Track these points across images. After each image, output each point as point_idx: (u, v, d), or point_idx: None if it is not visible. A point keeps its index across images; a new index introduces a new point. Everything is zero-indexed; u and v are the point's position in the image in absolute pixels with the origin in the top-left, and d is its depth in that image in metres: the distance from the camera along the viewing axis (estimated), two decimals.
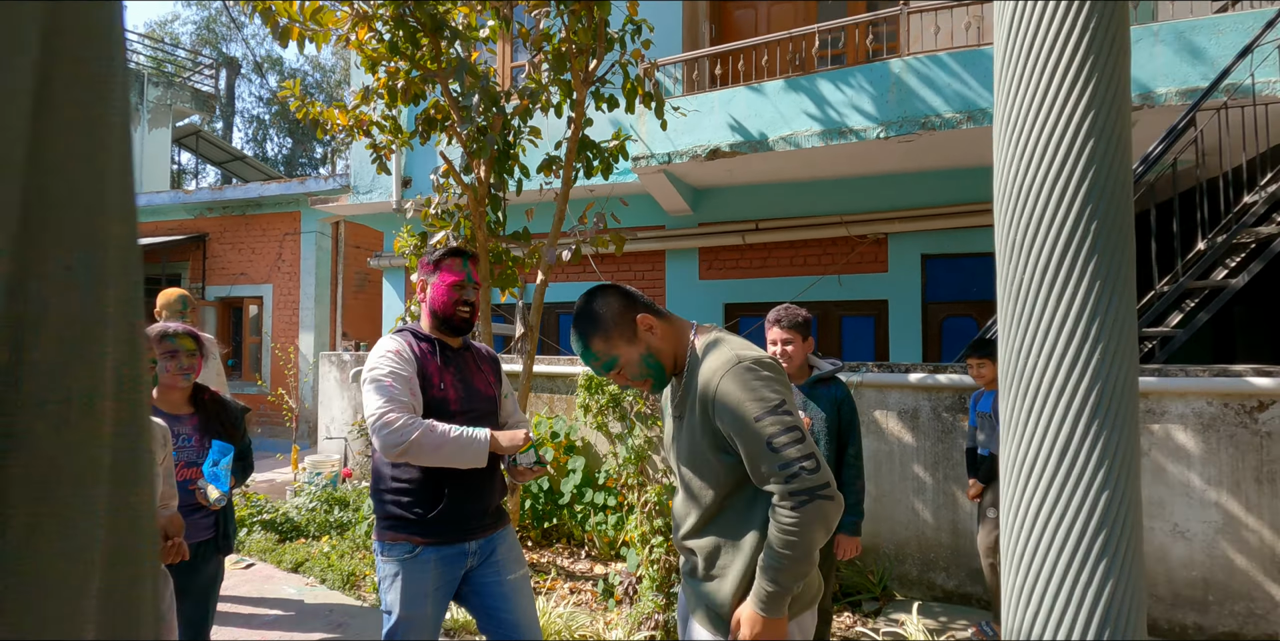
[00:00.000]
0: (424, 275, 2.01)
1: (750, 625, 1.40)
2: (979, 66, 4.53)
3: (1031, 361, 1.61)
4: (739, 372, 1.39)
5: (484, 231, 4.10)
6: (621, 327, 1.49)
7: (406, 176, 7.03)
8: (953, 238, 5.80)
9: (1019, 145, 1.70)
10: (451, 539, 1.88)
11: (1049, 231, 1.62)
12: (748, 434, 1.35)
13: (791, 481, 1.31)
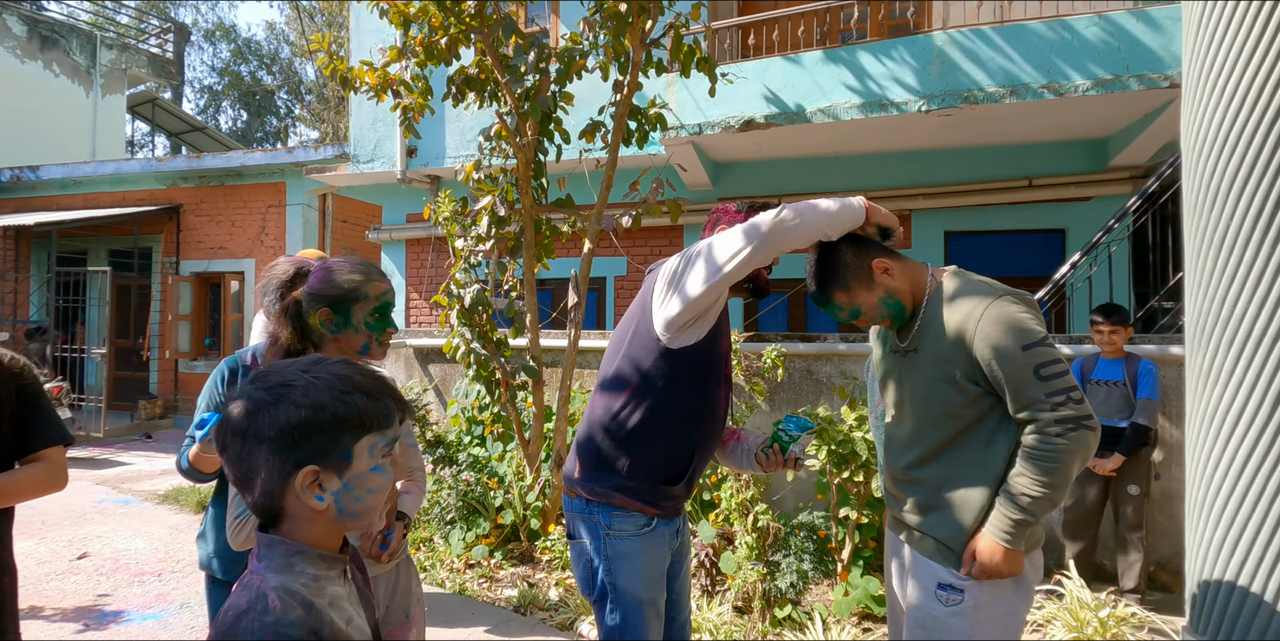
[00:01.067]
0: (727, 224, 1.72)
1: (990, 555, 1.41)
2: (1023, 41, 4.56)
3: (1239, 310, 1.63)
4: (1004, 304, 1.43)
5: (530, 198, 3.98)
6: (859, 276, 1.53)
7: (412, 146, 6.78)
8: (977, 215, 5.88)
9: (1221, 94, 1.70)
10: (675, 511, 1.68)
11: (1260, 180, 1.63)
12: (1015, 362, 1.38)
13: (1060, 409, 1.36)
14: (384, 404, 0.86)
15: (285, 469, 0.81)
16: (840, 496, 3.21)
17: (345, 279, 1.42)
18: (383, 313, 1.46)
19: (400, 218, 7.57)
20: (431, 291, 7.30)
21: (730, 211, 1.75)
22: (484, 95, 4.12)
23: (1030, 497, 1.37)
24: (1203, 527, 1.62)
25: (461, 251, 4.01)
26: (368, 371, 0.89)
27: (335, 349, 1.44)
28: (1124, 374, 3.10)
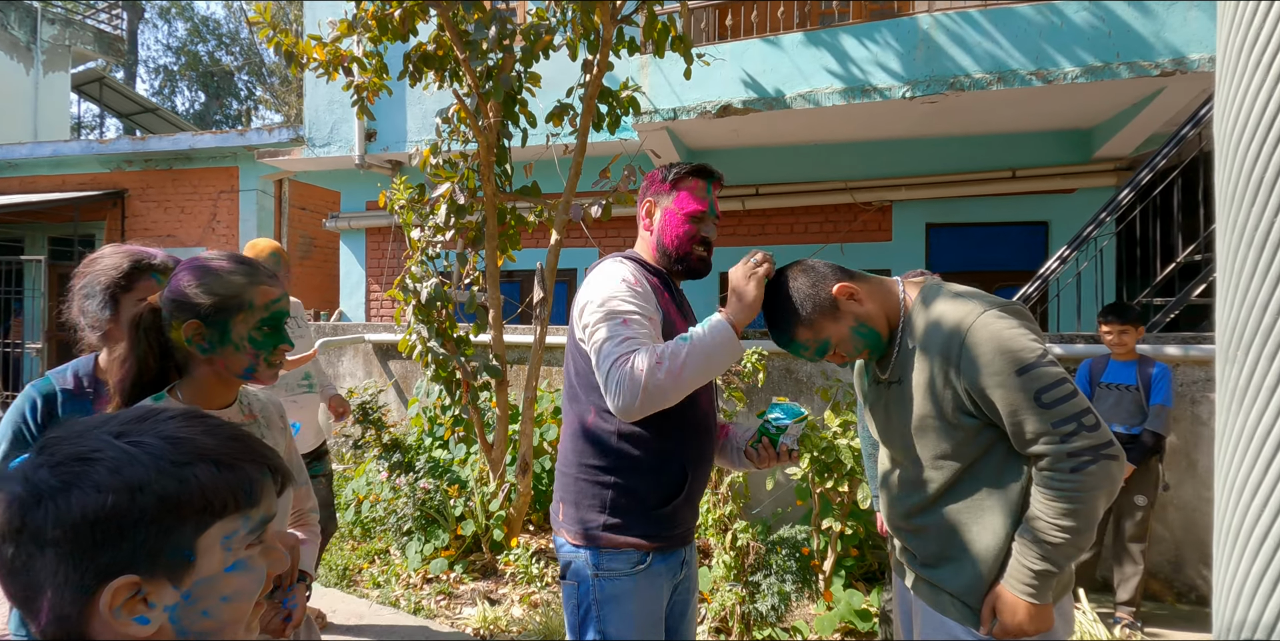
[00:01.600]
0: (653, 195, 1.56)
1: (1012, 613, 1.21)
2: (1011, 25, 4.39)
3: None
4: (989, 321, 1.21)
5: (493, 185, 3.72)
6: (821, 307, 1.33)
7: (370, 129, 6.43)
8: (958, 206, 5.74)
9: (1265, 76, 1.53)
10: (677, 542, 1.48)
11: None
12: (1010, 390, 1.17)
13: (1071, 440, 1.15)
14: (243, 475, 0.62)
15: (84, 583, 0.56)
16: (823, 506, 3.04)
17: (223, 281, 1.13)
18: (273, 325, 1.17)
19: (360, 205, 7.23)
20: (390, 284, 6.98)
21: (657, 180, 1.56)
22: (444, 74, 3.84)
23: (1050, 544, 1.17)
24: (1234, 564, 1.46)
25: (418, 242, 3.74)
26: (221, 427, 0.64)
27: (208, 373, 1.15)
28: (1137, 378, 2.94)
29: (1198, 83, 4.25)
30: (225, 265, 1.16)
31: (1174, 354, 3.19)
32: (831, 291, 1.32)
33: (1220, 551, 1.50)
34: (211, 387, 1.17)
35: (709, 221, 1.53)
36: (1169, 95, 4.39)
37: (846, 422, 2.87)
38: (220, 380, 1.17)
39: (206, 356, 1.13)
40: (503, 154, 3.84)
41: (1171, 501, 3.22)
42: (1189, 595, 3.20)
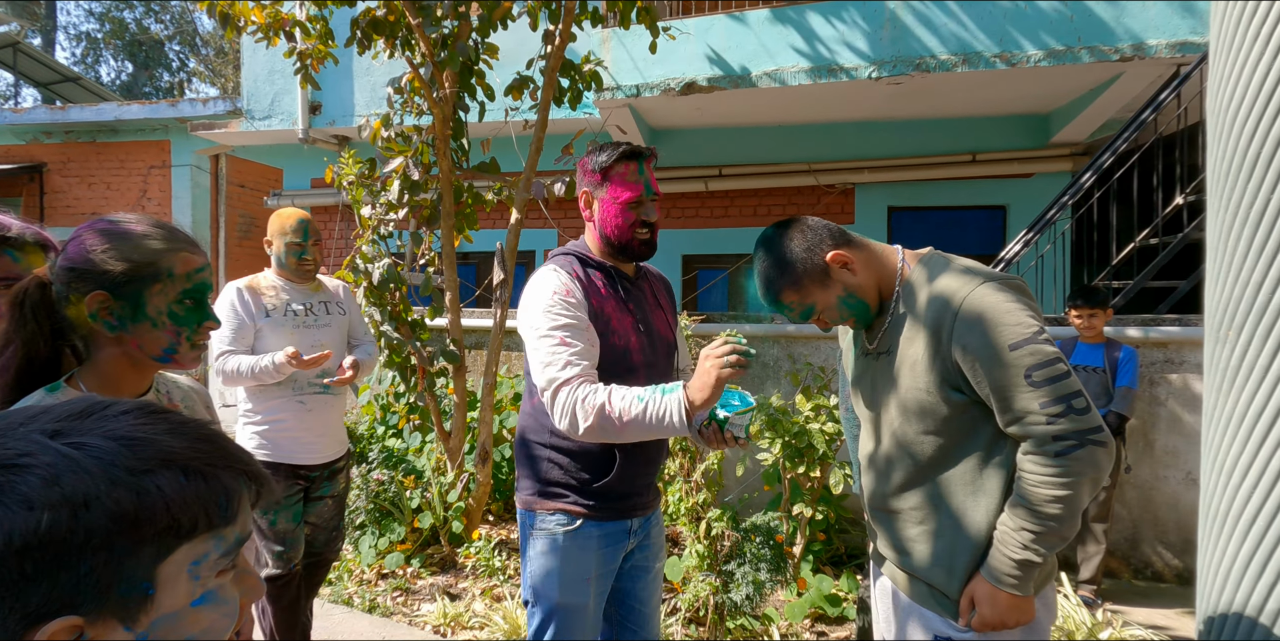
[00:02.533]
0: (588, 185, 1.55)
1: (992, 605, 1.17)
2: (977, 6, 4.39)
3: (1277, 299, 1.43)
4: (987, 293, 1.16)
5: (449, 160, 3.54)
6: (811, 272, 1.28)
7: (315, 101, 6.11)
8: (920, 189, 5.78)
9: (1263, 50, 1.49)
10: (617, 513, 1.55)
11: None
12: (1000, 365, 1.12)
13: (1057, 422, 1.10)
14: (217, 485, 0.50)
15: (8, 628, 0.43)
16: (793, 491, 3.01)
17: (136, 246, 0.96)
18: (197, 298, 1.01)
19: (304, 182, 6.90)
20: (338, 265, 6.70)
21: (588, 170, 1.55)
22: (395, 42, 3.62)
23: (1032, 533, 1.13)
24: (1221, 544, 1.47)
25: (369, 221, 3.55)
26: (187, 425, 0.51)
27: (117, 355, 0.99)
28: (1104, 360, 2.99)
29: (1155, 68, 4.32)
30: (138, 227, 0.98)
31: (1135, 336, 3.25)
32: (825, 258, 1.27)
33: (1206, 532, 1.49)
34: (121, 373, 1.00)
35: (647, 203, 1.52)
36: (1126, 81, 4.47)
37: (818, 406, 2.84)
38: (132, 364, 1.00)
39: (115, 335, 0.97)
40: (459, 128, 3.67)
41: (1129, 480, 3.30)
42: (1145, 571, 3.29)
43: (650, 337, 1.57)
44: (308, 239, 2.33)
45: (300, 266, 2.36)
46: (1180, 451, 3.21)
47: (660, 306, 1.66)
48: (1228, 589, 1.51)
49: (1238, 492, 1.49)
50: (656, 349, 1.59)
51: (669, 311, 1.69)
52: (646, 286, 1.64)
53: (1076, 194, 3.95)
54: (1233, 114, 1.55)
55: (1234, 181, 1.54)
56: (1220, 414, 1.55)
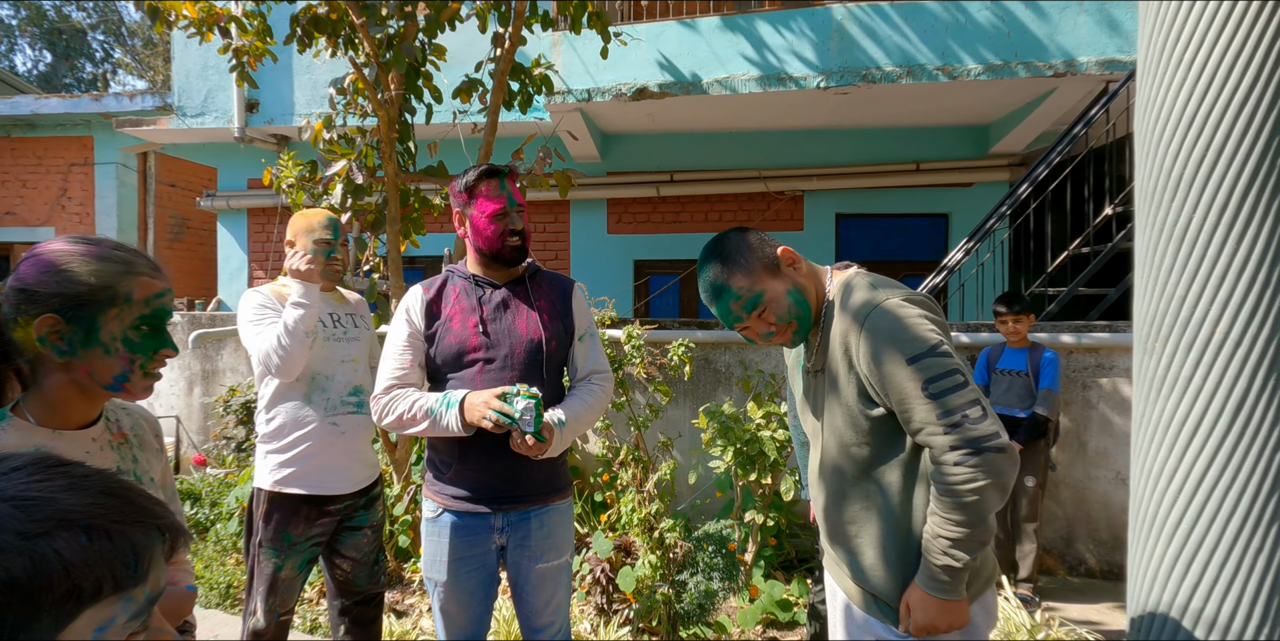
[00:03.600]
0: (458, 206, 1.75)
1: (924, 610, 1.21)
2: (920, 20, 4.53)
3: (1199, 311, 1.50)
4: (889, 309, 1.22)
5: (394, 163, 3.47)
6: (765, 260, 1.32)
7: (253, 99, 5.90)
8: (867, 197, 5.93)
9: (1186, 72, 1.57)
10: (471, 506, 1.71)
11: (1229, 165, 1.50)
12: (898, 378, 1.17)
13: (952, 431, 1.15)
14: (124, 543, 0.47)
15: None
16: (745, 497, 3.04)
17: (90, 267, 0.93)
18: (155, 325, 0.99)
19: (240, 182, 6.65)
20: (279, 270, 6.48)
21: (456, 192, 1.75)
22: (337, 41, 3.53)
23: (948, 538, 1.17)
24: (1150, 546, 1.55)
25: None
26: (90, 479, 0.48)
27: (64, 381, 0.95)
28: (1027, 364, 3.11)
29: (1085, 84, 4.54)
30: (95, 248, 0.95)
31: (1068, 341, 3.40)
32: (777, 251, 1.33)
33: (1136, 535, 1.57)
34: (69, 401, 0.97)
35: (512, 213, 1.70)
36: (1059, 95, 4.68)
37: (769, 414, 2.87)
38: (80, 391, 0.97)
39: (65, 360, 0.93)
40: (405, 130, 3.60)
41: (1064, 480, 3.44)
42: (1079, 568, 3.44)
43: (498, 336, 1.72)
44: (337, 237, 2.14)
45: (329, 267, 2.13)
46: (1111, 452, 3.37)
47: (535, 307, 1.77)
48: (1155, 588, 1.59)
49: (1164, 497, 1.57)
50: (505, 344, 1.72)
51: (548, 314, 1.78)
52: (521, 291, 1.77)
53: (1014, 204, 4.12)
54: (1159, 135, 1.64)
55: (1160, 200, 1.63)
56: (1148, 422, 1.63)
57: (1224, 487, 1.46)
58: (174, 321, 5.15)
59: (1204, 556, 1.48)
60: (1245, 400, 1.43)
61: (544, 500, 1.75)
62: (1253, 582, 1.45)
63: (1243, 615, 1.51)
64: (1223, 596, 1.47)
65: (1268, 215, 1.45)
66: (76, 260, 0.93)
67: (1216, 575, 1.48)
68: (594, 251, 6.26)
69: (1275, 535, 1.44)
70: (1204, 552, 1.48)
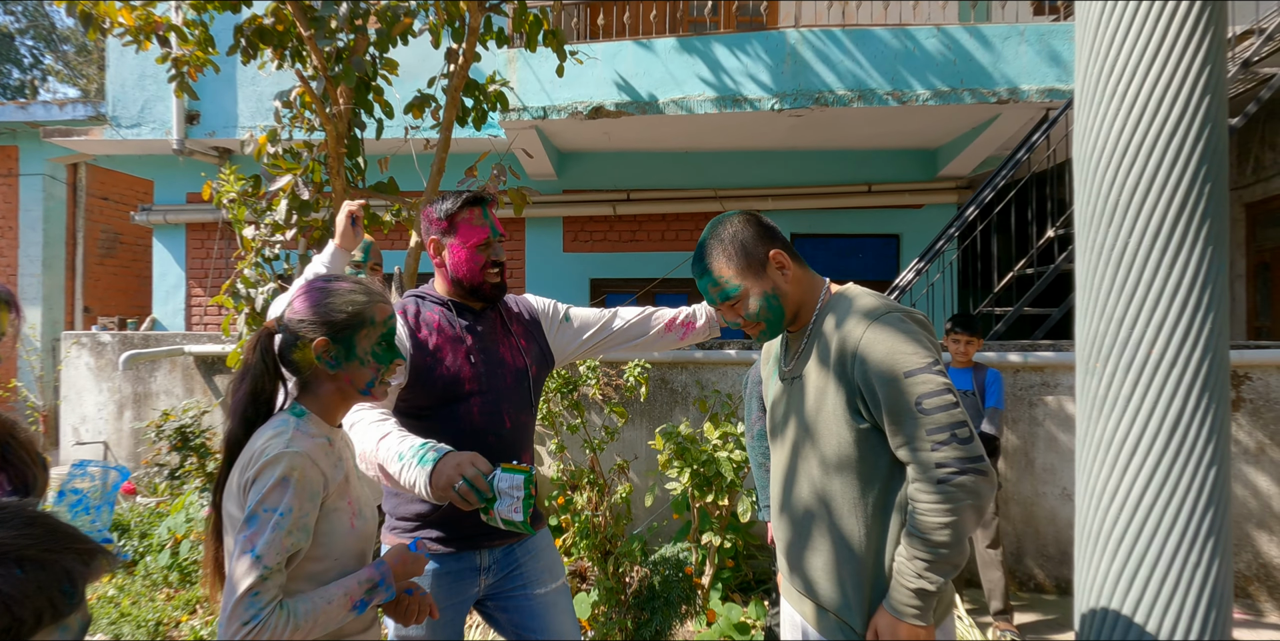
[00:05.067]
0: (435, 234, 1.65)
1: (893, 635, 1.22)
2: (870, 46, 4.69)
3: (1137, 333, 1.57)
4: (890, 322, 1.25)
5: (343, 179, 3.41)
6: (751, 257, 1.36)
7: (193, 110, 5.74)
8: (820, 218, 6.06)
9: (1120, 103, 1.66)
10: (456, 548, 1.58)
11: (1161, 192, 1.57)
12: (894, 391, 1.19)
13: (940, 449, 1.17)
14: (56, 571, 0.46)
15: None
16: (701, 519, 3.03)
17: (347, 300, 1.23)
18: (389, 341, 1.28)
19: (179, 197, 6.44)
20: (218, 287, 6.28)
21: (434, 219, 1.65)
22: (284, 53, 3.47)
23: (924, 561, 1.19)
24: (1096, 561, 1.60)
25: (252, 241, 3.34)
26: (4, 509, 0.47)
27: (333, 389, 1.25)
28: (973, 383, 3.17)
29: (1028, 111, 4.75)
30: (345, 284, 1.26)
31: (1015, 360, 3.51)
32: (768, 252, 1.36)
33: (1082, 551, 1.61)
34: (336, 405, 1.27)
35: (495, 244, 1.64)
36: (1003, 121, 4.88)
37: (726, 434, 2.88)
38: (343, 398, 1.26)
39: (334, 373, 1.23)
40: (355, 145, 3.54)
41: (1013, 496, 3.53)
42: (1028, 583, 3.52)
43: (489, 366, 1.62)
44: (368, 259, 2.16)
45: None
46: (1057, 468, 3.47)
47: (511, 334, 1.71)
48: (1101, 602, 1.64)
49: (1108, 513, 1.62)
50: (496, 375, 1.63)
51: (524, 338, 1.73)
52: (496, 316, 1.71)
53: (962, 225, 4.26)
54: (1096, 161, 1.72)
55: (1098, 224, 1.71)
56: (1091, 439, 1.69)
57: (1164, 503, 1.52)
58: (103, 341, 4.93)
59: (1146, 570, 1.53)
60: (1181, 418, 1.49)
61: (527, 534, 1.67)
62: (1191, 595, 1.50)
63: (1183, 627, 1.57)
64: (1165, 609, 1.52)
65: (1198, 240, 1.53)
66: (337, 295, 1.23)
67: (1159, 589, 1.53)
68: (550, 270, 6.24)
69: (1212, 549, 1.50)
70: (1146, 567, 1.53)
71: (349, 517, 1.21)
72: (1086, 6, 1.72)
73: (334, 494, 1.18)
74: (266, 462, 1.10)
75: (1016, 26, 4.66)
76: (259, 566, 1.05)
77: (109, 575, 0.87)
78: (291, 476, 1.10)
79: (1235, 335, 5.46)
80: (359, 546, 1.24)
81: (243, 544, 1.07)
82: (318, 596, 1.12)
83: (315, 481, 1.13)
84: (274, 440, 1.14)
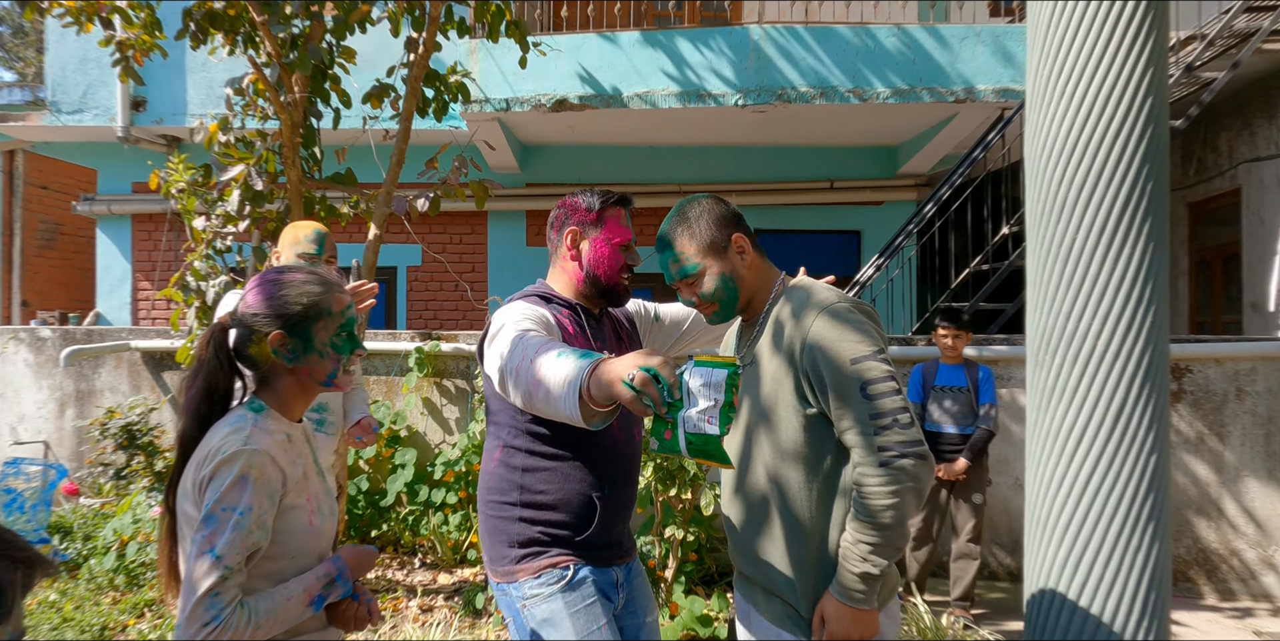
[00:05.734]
0: (577, 225, 1.56)
1: (839, 621, 1.25)
2: (832, 44, 4.75)
3: (1084, 326, 1.64)
4: (840, 312, 1.30)
5: (298, 170, 3.33)
6: (715, 237, 1.39)
7: (139, 97, 5.55)
8: (783, 213, 6.13)
9: (1069, 102, 1.71)
10: (605, 560, 1.50)
11: (1106, 190, 1.64)
12: (841, 376, 1.24)
13: (882, 434, 1.22)
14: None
15: None
16: (665, 513, 3.05)
17: (301, 291, 1.20)
18: (349, 331, 1.24)
19: (124, 186, 6.22)
20: (166, 280, 6.10)
21: (580, 209, 1.58)
22: (235, 38, 3.38)
23: (869, 544, 1.22)
24: (1044, 547, 1.65)
25: (203, 233, 3.25)
26: None
27: (292, 382, 1.22)
28: (967, 380, 3.19)
29: (984, 110, 4.87)
30: (299, 275, 1.23)
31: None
32: (731, 235, 1.39)
33: (1032, 538, 1.68)
34: (295, 399, 1.24)
35: (633, 249, 1.61)
36: (961, 120, 5.00)
37: None
38: (303, 390, 1.23)
39: (292, 366, 1.20)
40: (311, 135, 3.47)
41: None
42: (983, 571, 3.62)
43: None
44: (322, 252, 2.08)
45: None
46: (1010, 459, 3.59)
47: (621, 340, 1.67)
48: (1049, 586, 1.71)
49: (1056, 500, 1.69)
50: None
51: (629, 343, 1.69)
52: (608, 322, 1.65)
53: (920, 222, 4.35)
54: (1045, 160, 1.78)
55: (1048, 222, 1.77)
56: (1040, 430, 1.75)
57: (1108, 489, 1.59)
58: (43, 337, 4.75)
59: (1091, 553, 1.60)
60: (1124, 408, 1.56)
61: (635, 549, 1.63)
62: (1133, 578, 1.57)
63: (1125, 608, 1.64)
64: (1108, 590, 1.59)
65: (1140, 236, 1.60)
66: (291, 286, 1.20)
67: (1103, 571, 1.60)
68: (513, 264, 6.19)
69: (1153, 533, 1.57)
70: (1091, 550, 1.60)
71: (307, 515, 1.18)
72: (1038, 8, 1.78)
73: (292, 490, 1.16)
74: (223, 460, 1.08)
75: (973, 27, 4.77)
76: (219, 567, 1.03)
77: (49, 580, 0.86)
78: (250, 474, 1.08)
79: (1178, 330, 5.70)
80: (317, 544, 1.21)
81: (201, 544, 1.04)
82: (277, 594, 1.10)
83: (274, 479, 1.11)
84: (231, 437, 1.11)
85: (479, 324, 6.11)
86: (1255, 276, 4.95)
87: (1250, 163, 5.00)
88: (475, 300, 6.10)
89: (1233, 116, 5.19)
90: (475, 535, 3.84)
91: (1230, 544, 3.46)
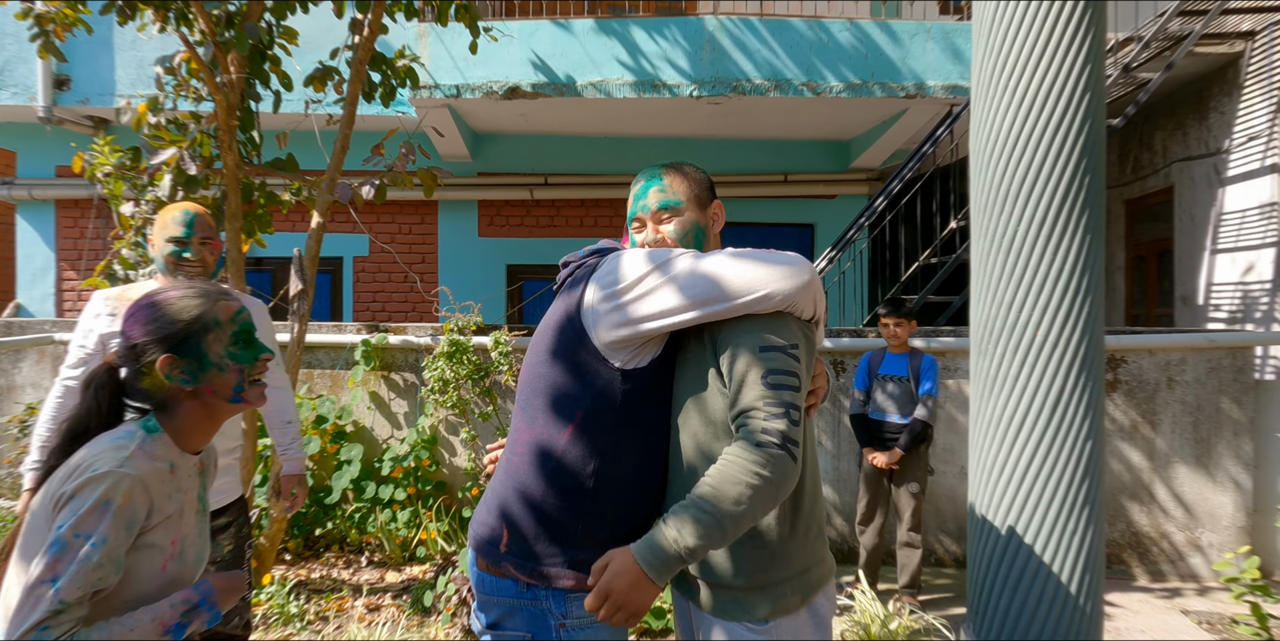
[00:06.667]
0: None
1: (619, 576, 1.11)
2: (787, 37, 4.79)
3: (1025, 316, 1.69)
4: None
5: (235, 154, 3.21)
6: (702, 192, 1.44)
7: (63, 74, 5.26)
8: (738, 206, 6.17)
9: (1011, 98, 1.76)
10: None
11: (1046, 183, 1.69)
12: (748, 361, 1.22)
13: (774, 420, 1.15)
14: None
15: None
16: None
17: (179, 307, 1.14)
18: (246, 338, 1.17)
19: (47, 170, 5.91)
20: (92, 269, 5.82)
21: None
22: (166, 14, 3.22)
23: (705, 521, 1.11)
24: (986, 529, 1.71)
25: (131, 220, 3.11)
26: None
27: (195, 406, 1.15)
28: (908, 369, 3.26)
29: (933, 106, 4.98)
30: (174, 293, 1.16)
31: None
32: (714, 200, 1.46)
33: (974, 522, 1.73)
34: (198, 426, 1.17)
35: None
36: (911, 116, 5.10)
37: None
38: (208, 415, 1.17)
39: (192, 388, 1.13)
40: (249, 118, 3.34)
41: None
42: (929, 559, 3.74)
43: None
44: (192, 234, 1.92)
45: (178, 267, 1.93)
46: (956, 448, 3.69)
47: None
48: (990, 567, 1.77)
49: (998, 486, 1.75)
50: None
51: None
52: None
53: (871, 216, 4.44)
54: (988, 155, 1.83)
55: (990, 214, 1.83)
56: (983, 418, 1.81)
57: (1046, 474, 1.65)
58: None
59: (1030, 537, 1.66)
60: (1062, 397, 1.63)
61: None
62: (1069, 560, 1.64)
63: (1061, 589, 1.71)
64: (1047, 573, 1.65)
65: (1078, 228, 1.66)
66: (165, 307, 1.13)
67: (1040, 553, 1.66)
68: (464, 255, 6.10)
69: (1088, 517, 1.64)
70: (1030, 534, 1.66)
71: (164, 559, 1.08)
72: (982, 7, 1.83)
73: (157, 528, 1.07)
74: (90, 479, 0.99)
75: (924, 24, 4.87)
76: (54, 601, 0.94)
77: None
78: (114, 499, 0.99)
79: (1114, 322, 5.95)
80: (164, 593, 1.10)
81: (43, 571, 0.96)
82: (118, 625, 1.00)
83: (139, 508, 1.03)
84: (108, 454, 1.03)
85: (429, 316, 6.00)
86: (1186, 271, 5.19)
87: (1182, 161, 5.24)
88: (425, 291, 5.98)
89: (1167, 116, 5.42)
90: (425, 532, 3.78)
91: (1160, 527, 3.64)
